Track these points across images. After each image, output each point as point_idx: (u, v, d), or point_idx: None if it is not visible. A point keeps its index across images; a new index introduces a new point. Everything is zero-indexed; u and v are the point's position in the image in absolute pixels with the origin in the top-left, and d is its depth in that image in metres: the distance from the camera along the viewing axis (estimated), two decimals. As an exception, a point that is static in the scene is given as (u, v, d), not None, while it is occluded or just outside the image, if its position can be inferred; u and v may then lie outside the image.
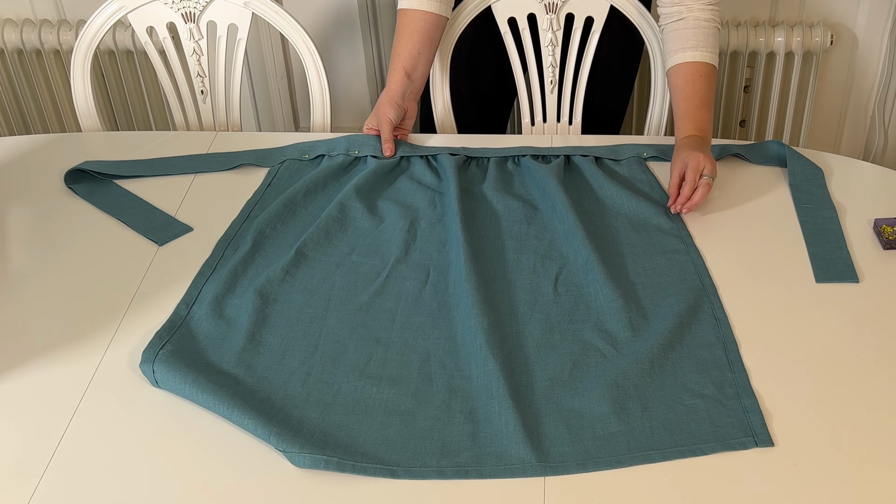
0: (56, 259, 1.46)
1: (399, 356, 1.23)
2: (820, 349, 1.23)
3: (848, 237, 1.43)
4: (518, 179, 1.60)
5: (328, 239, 1.45)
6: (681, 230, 1.45)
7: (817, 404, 1.14)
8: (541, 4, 1.82)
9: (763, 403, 1.14)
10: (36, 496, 1.07)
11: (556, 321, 1.29)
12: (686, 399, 1.15)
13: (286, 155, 1.69)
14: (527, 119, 1.92)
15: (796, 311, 1.29)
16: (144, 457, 1.11)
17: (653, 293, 1.33)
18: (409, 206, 1.53)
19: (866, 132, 2.57)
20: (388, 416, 1.14)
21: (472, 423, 1.13)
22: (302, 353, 1.24)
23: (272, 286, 1.34)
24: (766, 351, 1.23)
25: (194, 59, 1.92)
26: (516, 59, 1.88)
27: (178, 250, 1.47)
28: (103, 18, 1.87)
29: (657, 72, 1.84)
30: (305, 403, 1.16)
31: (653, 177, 1.59)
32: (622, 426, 1.12)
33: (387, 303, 1.33)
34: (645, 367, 1.19)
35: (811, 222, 1.46)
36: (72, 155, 1.74)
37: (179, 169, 1.67)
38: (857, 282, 1.33)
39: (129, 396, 1.20)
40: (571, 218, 1.45)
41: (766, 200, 1.53)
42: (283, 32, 1.88)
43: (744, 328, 1.26)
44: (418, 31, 1.71)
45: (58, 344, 1.29)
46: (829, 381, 1.18)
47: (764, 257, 1.40)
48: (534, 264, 1.39)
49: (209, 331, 1.28)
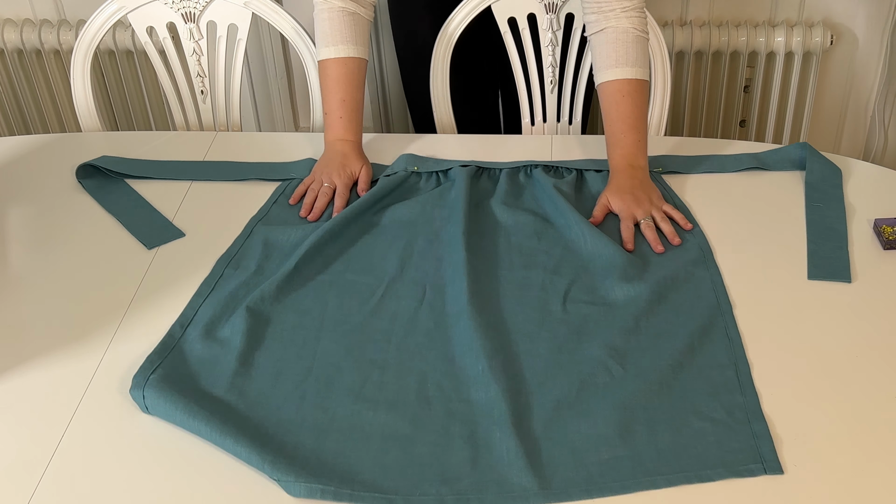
0: (55, 260, 1.46)
1: (395, 379, 1.20)
2: (837, 373, 1.18)
3: (849, 237, 1.42)
4: (529, 192, 1.56)
5: (322, 255, 1.42)
6: (701, 243, 1.42)
7: (830, 430, 1.10)
8: (541, 4, 1.82)
9: (773, 429, 1.11)
10: (35, 498, 1.07)
11: (564, 340, 1.25)
12: (694, 422, 1.12)
13: (296, 171, 1.65)
14: (527, 119, 1.92)
15: (812, 334, 1.25)
16: (137, 476, 1.10)
17: (667, 308, 1.29)
18: (407, 221, 1.50)
19: (866, 132, 2.58)
20: (385, 441, 1.11)
21: (472, 447, 1.10)
22: (296, 376, 1.21)
23: (265, 303, 1.31)
24: (778, 373, 1.19)
25: (194, 59, 1.92)
26: (516, 59, 1.88)
27: (176, 252, 1.47)
28: (103, 18, 1.87)
29: (656, 71, 1.84)
30: (300, 429, 1.13)
31: (670, 189, 1.55)
32: (628, 450, 1.09)
33: (382, 323, 1.29)
34: (653, 388, 1.16)
35: (818, 221, 1.45)
36: (72, 155, 1.74)
37: (191, 175, 1.66)
38: (849, 282, 1.33)
39: (127, 401, 1.20)
40: (585, 231, 1.41)
41: (791, 212, 1.49)
42: (283, 32, 1.88)
43: (757, 349, 1.23)
44: (341, 80, 1.65)
45: (56, 345, 1.29)
46: (844, 407, 1.13)
47: (785, 275, 1.36)
48: (542, 280, 1.36)
49: (202, 353, 1.25)
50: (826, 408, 1.13)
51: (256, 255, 1.43)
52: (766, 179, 1.58)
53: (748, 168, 1.60)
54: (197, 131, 1.91)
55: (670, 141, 1.72)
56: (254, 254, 1.43)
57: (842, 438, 1.09)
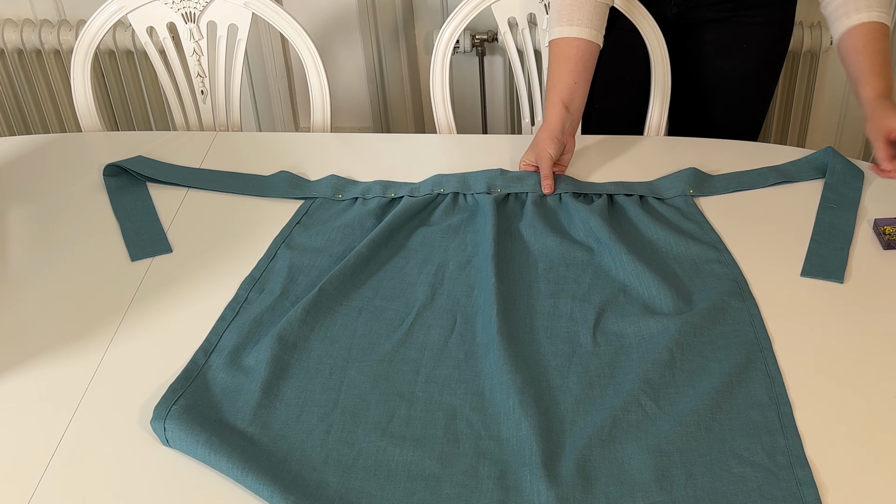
0: (55, 260, 1.46)
1: (423, 413, 1.16)
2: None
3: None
4: (557, 216, 1.50)
5: (353, 280, 1.37)
6: (736, 275, 1.35)
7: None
8: (541, 4, 1.83)
9: (818, 475, 1.05)
10: (35, 498, 1.08)
11: (595, 375, 1.20)
12: (734, 466, 1.06)
13: (319, 191, 1.59)
14: (527, 119, 1.93)
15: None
16: (137, 479, 1.10)
17: (702, 342, 1.23)
18: (438, 246, 1.45)
19: (866, 132, 2.57)
20: (411, 481, 1.07)
21: (501, 490, 1.05)
22: (321, 409, 1.17)
23: (292, 329, 1.27)
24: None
25: (194, 59, 1.92)
26: (516, 60, 1.89)
27: (177, 256, 1.48)
28: (103, 18, 1.87)
29: (656, 71, 1.84)
30: (325, 466, 1.09)
31: (702, 216, 1.49)
32: (665, 495, 1.03)
33: (411, 353, 1.25)
34: (690, 430, 1.10)
35: (826, 220, 1.44)
36: (71, 155, 1.74)
37: (221, 186, 1.62)
38: (841, 282, 1.32)
39: (127, 401, 1.20)
40: (621, 259, 1.36)
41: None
42: (283, 32, 1.89)
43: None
44: (572, 61, 1.61)
45: (56, 345, 1.29)
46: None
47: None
48: (571, 310, 1.31)
49: (226, 382, 1.21)
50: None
51: (281, 278, 1.39)
52: (790, 193, 1.54)
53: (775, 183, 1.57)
54: (197, 131, 1.91)
55: (670, 141, 1.72)
56: (278, 277, 1.39)
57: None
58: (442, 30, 1.84)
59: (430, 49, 2.44)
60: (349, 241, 1.47)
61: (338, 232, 1.48)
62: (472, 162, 1.67)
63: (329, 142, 1.78)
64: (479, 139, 1.77)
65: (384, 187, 1.58)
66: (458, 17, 1.83)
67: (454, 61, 2.53)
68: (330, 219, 1.53)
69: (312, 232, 1.50)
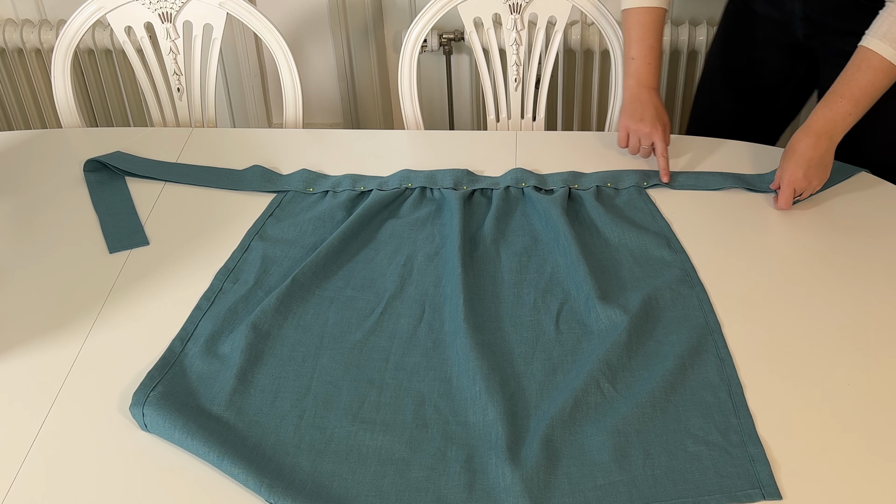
0: (35, 253, 1.47)
1: (393, 399, 1.18)
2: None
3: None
4: (521, 210, 1.53)
5: (324, 270, 1.40)
6: (684, 262, 1.39)
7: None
8: (505, 5, 1.84)
9: (770, 452, 1.08)
10: (18, 479, 1.10)
11: (558, 361, 1.23)
12: (689, 446, 1.10)
13: (291, 184, 1.61)
14: (492, 116, 1.95)
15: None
16: (117, 466, 1.11)
17: (655, 328, 1.27)
18: (407, 238, 1.47)
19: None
20: (381, 465, 1.10)
21: (468, 472, 1.08)
22: (294, 395, 1.19)
23: (266, 318, 1.29)
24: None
25: (171, 58, 1.93)
26: (482, 58, 1.91)
27: (153, 247, 1.49)
28: (83, 18, 1.88)
29: (618, 68, 1.86)
30: (297, 450, 1.11)
31: (654, 206, 1.53)
32: (624, 475, 1.07)
33: (381, 341, 1.28)
34: (646, 411, 1.14)
35: None
36: (52, 150, 1.74)
37: (199, 180, 1.64)
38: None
39: (107, 389, 1.22)
40: (574, 251, 1.39)
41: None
42: (257, 32, 1.89)
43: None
44: (650, 26, 1.65)
45: (36, 335, 1.31)
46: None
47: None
48: (534, 300, 1.34)
49: (202, 369, 1.23)
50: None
51: (254, 269, 1.41)
52: (746, 196, 1.56)
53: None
54: (173, 127, 1.90)
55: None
56: (252, 268, 1.42)
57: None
58: (410, 29, 1.86)
59: (399, 48, 2.43)
60: (320, 232, 1.49)
61: (309, 224, 1.51)
62: (439, 157, 1.68)
63: (301, 137, 1.79)
64: (446, 135, 1.79)
65: (354, 181, 1.61)
66: (426, 16, 1.85)
67: (422, 60, 2.53)
68: (301, 211, 1.56)
69: (285, 224, 1.52)
